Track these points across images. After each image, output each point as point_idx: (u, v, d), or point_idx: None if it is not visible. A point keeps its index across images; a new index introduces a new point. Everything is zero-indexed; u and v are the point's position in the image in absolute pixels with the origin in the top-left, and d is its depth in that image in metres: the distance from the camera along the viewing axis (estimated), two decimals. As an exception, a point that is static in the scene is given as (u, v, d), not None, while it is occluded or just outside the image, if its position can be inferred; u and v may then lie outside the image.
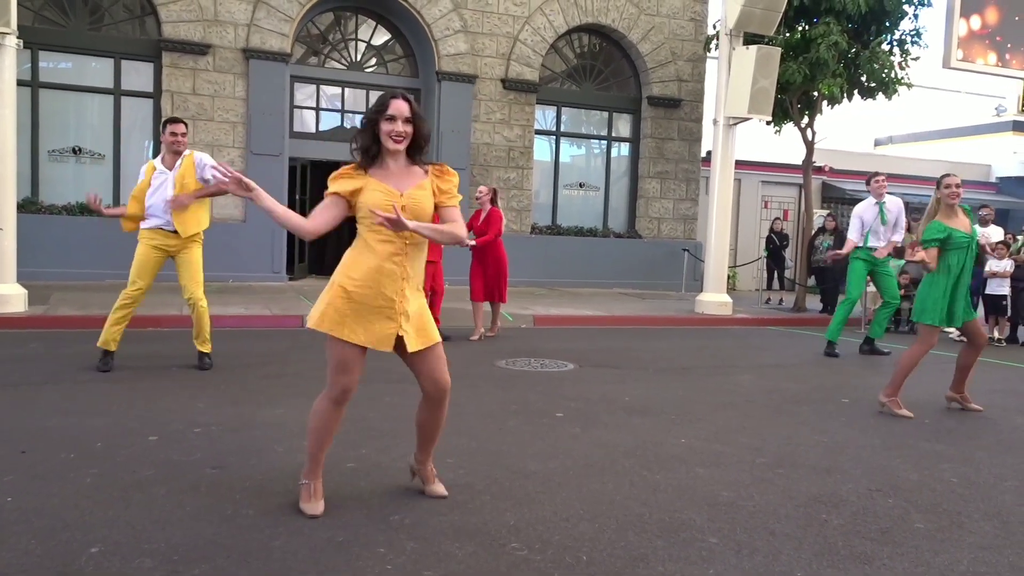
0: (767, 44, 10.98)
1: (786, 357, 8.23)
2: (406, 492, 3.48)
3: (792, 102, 12.10)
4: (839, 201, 17.60)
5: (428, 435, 3.39)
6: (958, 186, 5.44)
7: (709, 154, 12.62)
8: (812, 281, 13.00)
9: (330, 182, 3.15)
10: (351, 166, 3.18)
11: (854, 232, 8.21)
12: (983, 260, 9.67)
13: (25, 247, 9.12)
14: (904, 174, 17.46)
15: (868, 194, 8.41)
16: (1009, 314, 10.12)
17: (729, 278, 13.02)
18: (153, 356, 6.25)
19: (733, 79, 11.02)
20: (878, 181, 8.31)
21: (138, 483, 3.48)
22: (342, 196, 3.12)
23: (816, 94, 12.00)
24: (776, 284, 14.37)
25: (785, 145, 14.38)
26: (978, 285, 9.62)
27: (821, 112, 12.38)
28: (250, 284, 11.78)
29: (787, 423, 5.14)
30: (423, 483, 3.48)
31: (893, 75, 11.73)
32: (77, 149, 11.82)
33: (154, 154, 11.42)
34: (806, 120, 12.41)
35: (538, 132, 14.23)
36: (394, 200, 3.07)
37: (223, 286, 10.97)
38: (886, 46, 11.87)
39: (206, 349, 6.15)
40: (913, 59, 12.07)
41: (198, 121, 11.70)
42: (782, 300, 13.55)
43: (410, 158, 3.19)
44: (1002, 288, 10.01)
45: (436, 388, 3.26)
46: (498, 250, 8.43)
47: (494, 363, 6.91)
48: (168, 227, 5.89)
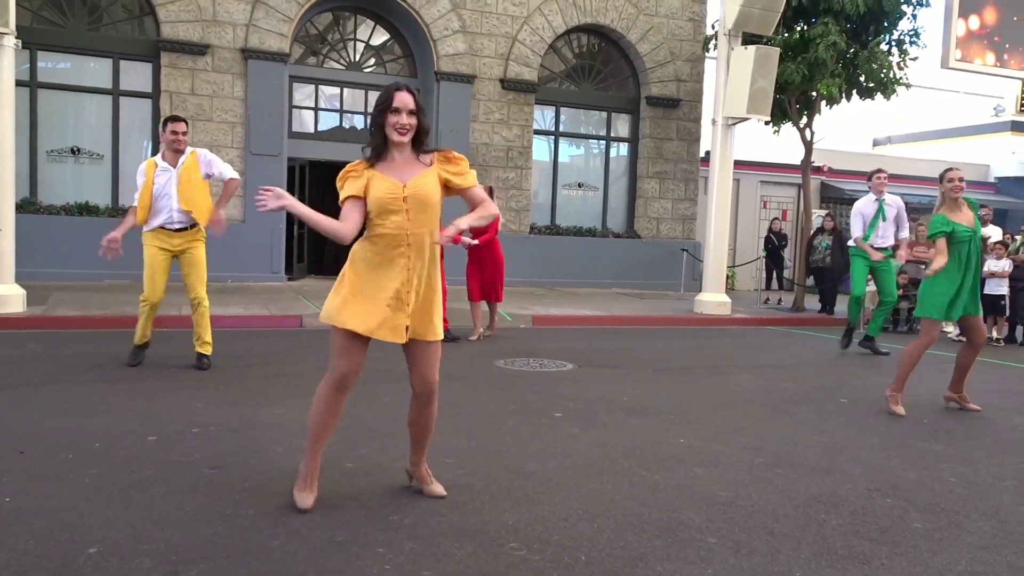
0: (766, 44, 10.98)
1: (785, 357, 8.24)
2: (405, 492, 3.48)
3: (791, 102, 12.10)
4: (838, 201, 17.60)
5: (418, 434, 3.41)
6: (960, 180, 5.52)
7: (708, 154, 12.62)
8: (811, 281, 13.00)
9: (340, 188, 3.18)
10: (356, 163, 3.20)
11: (857, 229, 8.22)
12: (983, 259, 9.68)
13: (24, 247, 9.10)
14: (903, 174, 17.43)
15: (867, 193, 8.42)
16: (1008, 314, 10.14)
17: (728, 278, 13.02)
18: (152, 356, 6.24)
19: (732, 79, 11.01)
20: (879, 177, 8.30)
21: (137, 483, 3.48)
22: (359, 197, 3.15)
23: (815, 94, 11.99)
24: (775, 284, 14.39)
25: (784, 145, 14.36)
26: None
27: (820, 112, 12.39)
28: (249, 284, 11.78)
29: (786, 423, 5.14)
30: (420, 485, 3.48)
31: (892, 75, 11.74)
32: (76, 149, 11.81)
33: (152, 154, 11.39)
34: (805, 120, 12.41)
35: (537, 132, 14.22)
36: (398, 191, 3.11)
37: (222, 286, 10.96)
38: (884, 46, 11.87)
39: (206, 351, 6.15)
40: (911, 59, 12.08)
41: (197, 121, 11.69)
42: (781, 300, 13.54)
43: (414, 150, 3.22)
44: (1000, 288, 10.02)
45: (423, 384, 3.29)
46: (495, 250, 8.39)
47: (493, 363, 6.91)
48: (171, 225, 5.91)
